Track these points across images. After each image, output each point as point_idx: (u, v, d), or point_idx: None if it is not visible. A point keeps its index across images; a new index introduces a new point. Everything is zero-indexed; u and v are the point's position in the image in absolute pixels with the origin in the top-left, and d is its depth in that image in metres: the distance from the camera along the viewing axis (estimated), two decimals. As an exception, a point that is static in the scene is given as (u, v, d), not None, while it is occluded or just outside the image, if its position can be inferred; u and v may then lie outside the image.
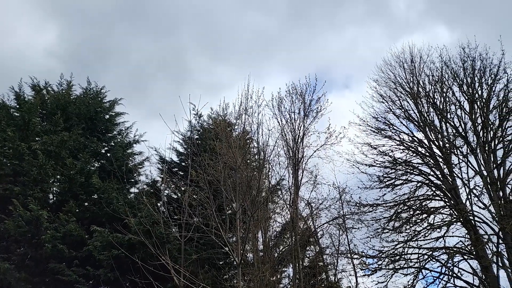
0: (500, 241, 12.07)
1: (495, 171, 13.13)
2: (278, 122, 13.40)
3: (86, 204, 12.55)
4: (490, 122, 13.72)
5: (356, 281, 13.64)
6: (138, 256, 8.51)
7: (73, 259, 11.00)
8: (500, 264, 11.96)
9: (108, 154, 14.16)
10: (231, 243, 9.78)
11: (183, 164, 13.90)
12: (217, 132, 11.49)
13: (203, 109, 18.95)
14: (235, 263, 8.88)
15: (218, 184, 9.70)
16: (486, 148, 13.50)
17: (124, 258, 9.93)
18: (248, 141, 12.85)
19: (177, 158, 14.25)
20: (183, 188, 12.52)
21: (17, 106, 13.53)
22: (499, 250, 12.03)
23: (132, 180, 14.04)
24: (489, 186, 12.91)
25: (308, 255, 14.51)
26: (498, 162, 13.23)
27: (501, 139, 13.48)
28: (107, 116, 15.00)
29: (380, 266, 13.68)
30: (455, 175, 13.85)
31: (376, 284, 13.57)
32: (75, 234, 11.16)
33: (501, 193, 12.84)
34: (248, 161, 12.92)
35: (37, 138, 12.74)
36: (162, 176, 13.11)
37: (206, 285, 8.41)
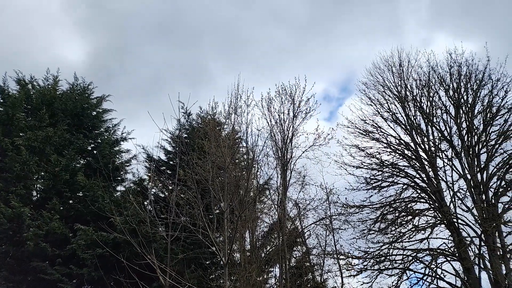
0: (482, 244, 12.32)
1: (479, 175, 13.41)
2: (268, 123, 13.41)
3: (70, 201, 12.34)
4: (474, 126, 14.02)
5: (342, 281, 13.76)
6: (123, 255, 8.40)
7: (56, 258, 10.80)
8: (482, 266, 12.21)
9: (95, 151, 13.94)
10: (218, 242, 9.74)
11: (171, 162, 13.78)
12: (206, 131, 11.43)
13: (193, 107, 18.92)
14: (221, 263, 8.84)
15: (206, 183, 9.65)
16: (470, 152, 13.79)
17: (109, 257, 9.79)
18: (237, 140, 12.82)
19: (165, 157, 14.13)
20: (170, 187, 12.42)
21: (1, 101, 13.20)
22: (481, 252, 12.28)
23: (119, 178, 13.86)
24: (472, 189, 13.18)
25: (295, 256, 14.57)
26: (482, 166, 13.52)
27: (485, 143, 13.78)
28: (94, 113, 14.76)
29: (365, 267, 13.83)
30: (440, 178, 14.10)
31: (361, 284, 13.72)
32: (58, 232, 10.95)
33: (483, 197, 13.13)
34: (237, 160, 12.89)
35: (21, 134, 12.45)
36: (149, 174, 12.98)
37: (192, 285, 8.35)
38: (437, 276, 13.06)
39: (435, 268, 13.13)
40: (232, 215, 9.98)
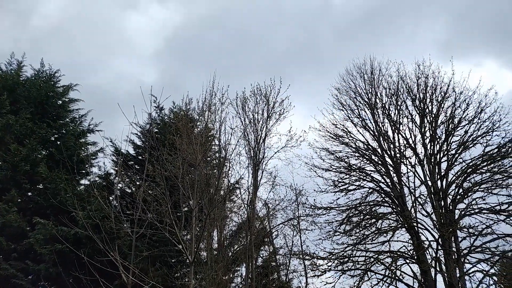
0: (439, 247, 12.97)
1: (439, 182, 14.11)
2: (241, 122, 13.41)
3: (29, 194, 11.73)
4: (437, 136, 14.73)
5: (306, 281, 14.02)
6: (85, 252, 8.09)
7: (12, 252, 10.25)
8: (438, 269, 12.85)
9: (58, 142, 13.30)
10: (185, 241, 9.61)
11: (140, 157, 13.44)
12: (178, 127, 11.23)
13: (165, 102, 18.53)
14: (188, 261, 8.73)
15: (175, 180, 9.46)
16: (432, 160, 14.48)
17: (69, 253, 9.41)
18: (210, 138, 12.70)
19: (133, 151, 13.75)
20: (138, 183, 12.10)
21: (-44, 83, 12.34)
22: (438, 255, 12.93)
23: (83, 171, 13.32)
24: (432, 195, 13.85)
25: (261, 255, 14.67)
26: (442, 173, 14.23)
27: (445, 152, 14.52)
28: (60, 102, 14.10)
29: (329, 268, 14.17)
30: (403, 184, 14.71)
31: (325, 284, 14.04)
32: (15, 225, 10.39)
33: (442, 203, 13.83)
34: (209, 158, 12.77)
35: (-23, 120, 11.69)
36: (116, 168, 12.57)
37: (156, 283, 8.17)
38: (396, 277, 13.60)
39: (395, 270, 13.67)
40: (200, 213, 9.88)
